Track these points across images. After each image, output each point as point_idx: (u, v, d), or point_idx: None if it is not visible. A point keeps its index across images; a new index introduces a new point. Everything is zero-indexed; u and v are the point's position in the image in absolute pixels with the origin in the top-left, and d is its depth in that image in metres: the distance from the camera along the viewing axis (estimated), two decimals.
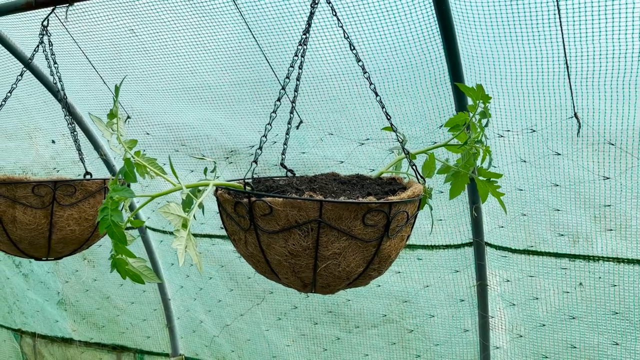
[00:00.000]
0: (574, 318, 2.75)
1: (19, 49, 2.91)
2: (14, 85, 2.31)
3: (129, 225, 1.42)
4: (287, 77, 1.66)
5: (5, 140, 3.84)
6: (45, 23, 2.36)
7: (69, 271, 4.54)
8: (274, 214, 1.40)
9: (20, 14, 2.44)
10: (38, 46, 2.36)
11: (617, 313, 2.61)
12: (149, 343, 4.45)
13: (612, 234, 2.42)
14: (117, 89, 1.39)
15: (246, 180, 1.49)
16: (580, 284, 2.72)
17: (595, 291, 2.67)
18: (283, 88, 1.63)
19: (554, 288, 2.78)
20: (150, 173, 1.47)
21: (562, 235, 2.60)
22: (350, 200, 1.38)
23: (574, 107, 2.10)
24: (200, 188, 1.55)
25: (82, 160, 2.31)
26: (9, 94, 2.31)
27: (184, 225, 1.28)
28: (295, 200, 1.37)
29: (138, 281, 1.47)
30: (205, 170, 1.69)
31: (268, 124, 1.58)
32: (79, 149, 2.33)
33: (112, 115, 1.40)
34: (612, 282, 2.61)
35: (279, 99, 1.62)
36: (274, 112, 1.58)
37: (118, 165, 3.47)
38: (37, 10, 2.37)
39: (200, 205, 1.70)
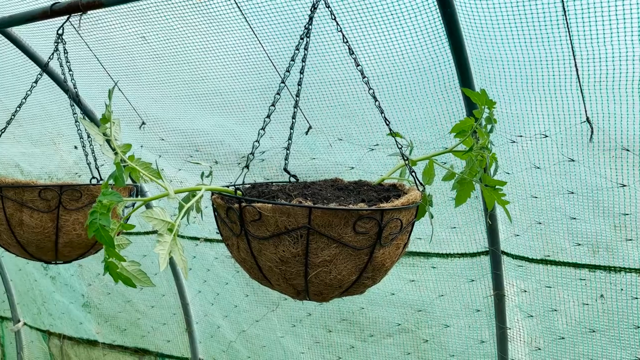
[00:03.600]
0: (594, 331, 2.64)
1: (40, 56, 2.99)
2: (29, 92, 2.37)
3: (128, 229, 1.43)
4: (288, 71, 1.65)
5: (31, 146, 3.95)
6: (60, 31, 2.42)
7: (92, 274, 4.63)
8: (263, 220, 1.38)
9: (37, 22, 2.50)
10: (53, 53, 2.42)
11: (639, 327, 2.50)
12: (169, 347, 4.49)
13: (632, 244, 2.32)
14: (110, 92, 1.40)
15: (236, 186, 1.48)
16: (601, 295, 2.61)
17: (617, 303, 2.56)
18: (283, 82, 1.62)
19: (573, 299, 2.67)
20: (144, 177, 1.47)
21: (581, 244, 2.50)
22: (339, 207, 1.35)
23: (586, 111, 2.03)
24: (195, 193, 1.55)
25: (89, 165, 2.35)
26: (23, 100, 2.37)
27: (170, 230, 1.28)
28: (284, 206, 1.36)
29: (130, 285, 1.48)
30: (202, 174, 1.69)
31: (262, 128, 1.57)
32: (87, 154, 2.36)
33: (104, 120, 1.41)
34: (635, 294, 2.50)
35: (277, 92, 1.61)
36: (268, 116, 1.57)
37: None
38: (53, 19, 2.43)
39: (198, 210, 1.70)
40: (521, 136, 2.27)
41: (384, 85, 2.33)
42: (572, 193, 2.30)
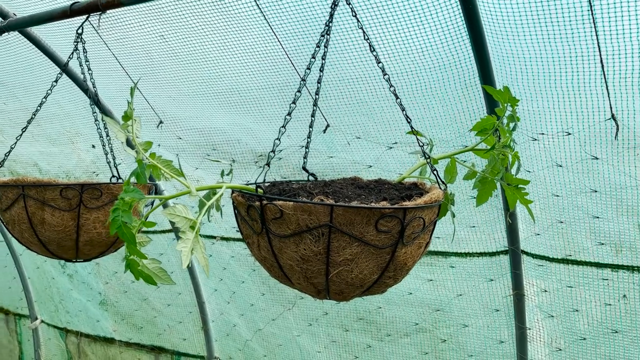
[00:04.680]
0: (616, 332, 2.59)
1: (59, 56, 3.01)
2: (49, 91, 2.38)
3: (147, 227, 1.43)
4: (308, 68, 1.64)
5: (49, 145, 3.99)
6: (79, 31, 2.43)
7: (109, 272, 4.67)
8: (284, 218, 1.37)
9: (57, 22, 2.51)
10: (73, 53, 2.43)
11: None
12: (185, 345, 4.51)
13: None
14: (132, 89, 1.40)
15: (259, 184, 1.47)
16: (624, 296, 2.56)
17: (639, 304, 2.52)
18: (303, 79, 1.61)
19: (595, 300, 2.63)
20: (165, 175, 1.47)
21: (603, 244, 2.46)
22: (362, 205, 1.34)
23: (611, 108, 1.99)
24: (216, 191, 1.55)
25: (109, 164, 2.36)
26: (44, 100, 2.38)
27: (192, 228, 1.27)
28: (305, 204, 1.34)
29: (151, 282, 1.48)
30: (222, 172, 1.68)
31: (282, 126, 1.56)
32: (107, 153, 2.37)
33: (126, 117, 1.41)
34: None
35: (298, 90, 1.60)
36: (289, 114, 1.56)
37: None
38: (72, 19, 2.44)
39: (218, 208, 1.70)
40: (543, 134, 2.23)
41: (403, 83, 2.31)
42: (596, 191, 2.26)
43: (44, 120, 3.68)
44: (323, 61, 1.70)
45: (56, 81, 2.43)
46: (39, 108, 2.39)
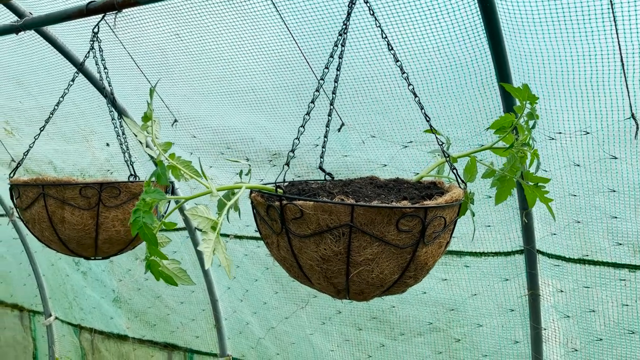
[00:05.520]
0: (633, 333, 2.57)
1: (74, 55, 3.03)
2: (66, 91, 2.40)
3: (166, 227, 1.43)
4: (326, 67, 1.63)
5: (64, 144, 4.02)
6: (95, 30, 2.44)
7: (122, 270, 4.69)
8: (304, 218, 1.37)
9: (72, 21, 2.52)
10: (89, 52, 2.45)
11: None
12: (198, 342, 4.53)
13: None
14: (151, 91, 1.40)
15: (278, 184, 1.47)
16: None
17: None
18: (322, 78, 1.61)
19: (612, 300, 2.60)
20: (185, 176, 1.48)
21: (621, 244, 2.43)
22: (383, 204, 1.34)
23: (631, 107, 1.97)
24: (235, 191, 1.55)
25: (127, 162, 2.37)
26: (61, 99, 2.40)
27: (213, 228, 1.28)
28: (326, 204, 1.34)
29: (171, 283, 1.48)
30: (241, 172, 1.69)
31: (301, 126, 1.56)
32: (124, 152, 2.39)
33: (146, 118, 1.42)
34: None
35: (317, 90, 1.60)
36: (308, 114, 1.56)
37: None
38: (88, 18, 2.46)
39: (236, 208, 1.70)
40: (560, 133, 2.22)
41: (419, 81, 2.30)
42: (614, 191, 2.24)
43: (59, 118, 3.71)
44: (340, 60, 1.70)
45: (73, 80, 2.45)
46: (56, 107, 2.41)
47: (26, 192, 2.04)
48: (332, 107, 1.74)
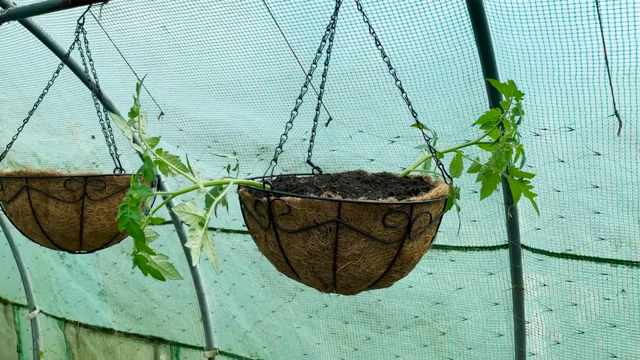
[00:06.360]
0: (615, 326, 2.62)
1: (59, 46, 2.99)
2: (51, 82, 2.37)
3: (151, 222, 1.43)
4: (314, 63, 1.63)
5: (49, 136, 3.97)
6: (80, 21, 2.41)
7: (108, 263, 4.67)
8: (292, 214, 1.38)
9: (57, 12, 2.49)
10: (74, 43, 2.42)
11: None
12: (185, 336, 4.52)
13: None
14: (138, 86, 1.39)
15: (265, 179, 1.47)
16: (623, 290, 2.59)
17: (638, 298, 2.54)
18: (309, 74, 1.61)
19: (594, 294, 2.65)
20: (172, 171, 1.47)
21: (603, 239, 2.47)
22: (370, 200, 1.34)
23: (614, 104, 1.99)
24: (223, 186, 1.55)
25: (112, 155, 2.35)
26: (45, 90, 2.37)
27: (201, 224, 1.28)
28: (313, 199, 1.35)
29: (159, 278, 1.48)
30: (228, 167, 1.68)
31: (289, 122, 1.56)
32: (109, 145, 2.37)
33: (133, 113, 1.41)
34: None
35: (305, 85, 1.60)
36: (295, 109, 1.56)
37: None
38: (73, 8, 2.42)
39: (224, 202, 1.70)
40: (545, 129, 2.24)
41: (406, 77, 2.31)
42: (597, 187, 2.27)
43: (43, 110, 3.66)
44: (328, 54, 1.70)
45: (57, 72, 2.42)
46: (40, 99, 2.38)
47: (9, 184, 2.01)
48: (320, 101, 1.74)
